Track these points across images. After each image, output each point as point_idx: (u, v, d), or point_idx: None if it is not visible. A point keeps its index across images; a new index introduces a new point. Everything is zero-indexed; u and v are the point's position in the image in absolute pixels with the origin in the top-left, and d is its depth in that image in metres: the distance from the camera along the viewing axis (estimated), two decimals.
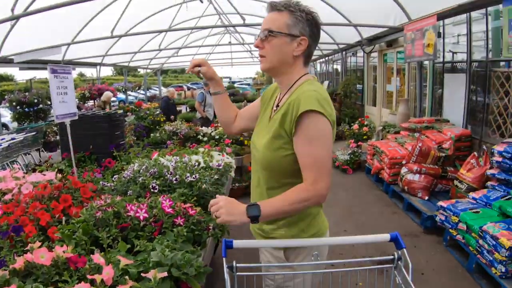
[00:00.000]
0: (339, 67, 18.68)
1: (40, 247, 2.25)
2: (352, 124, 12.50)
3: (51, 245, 2.39)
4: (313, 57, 14.20)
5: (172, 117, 12.53)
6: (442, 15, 7.86)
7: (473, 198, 5.46)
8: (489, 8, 7.02)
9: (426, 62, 9.42)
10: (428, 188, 6.78)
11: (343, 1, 11.10)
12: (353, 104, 15.26)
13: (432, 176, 6.83)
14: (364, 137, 11.16)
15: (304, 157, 1.93)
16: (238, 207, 1.95)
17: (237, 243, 1.99)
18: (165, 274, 2.02)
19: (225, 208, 1.94)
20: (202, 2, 9.85)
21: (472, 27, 7.67)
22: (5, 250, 2.53)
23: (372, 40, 12.57)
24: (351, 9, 11.26)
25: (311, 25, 2.05)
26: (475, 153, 6.47)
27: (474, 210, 5.05)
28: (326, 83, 18.51)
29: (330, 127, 1.94)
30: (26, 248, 2.39)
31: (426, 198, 6.67)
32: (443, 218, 5.45)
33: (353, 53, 16.19)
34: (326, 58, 20.71)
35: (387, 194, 7.82)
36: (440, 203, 5.59)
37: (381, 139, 9.70)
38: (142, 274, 2.06)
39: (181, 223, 2.73)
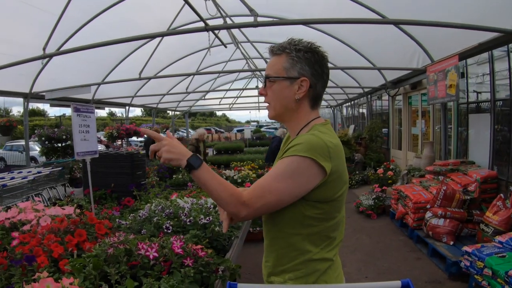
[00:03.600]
0: (365, 111, 18.66)
1: (48, 277, 2.29)
2: (377, 168, 12.38)
3: (60, 277, 2.43)
4: (339, 101, 14.33)
5: None
6: (464, 55, 7.84)
7: (499, 242, 5.27)
8: (511, 45, 6.97)
9: (451, 103, 9.32)
10: (453, 232, 6.59)
11: (367, 44, 11.23)
12: (379, 148, 15.19)
13: (457, 220, 6.65)
14: (389, 181, 11.00)
15: (262, 180, 1.84)
16: (179, 147, 1.84)
17: (241, 286, 1.94)
18: None
19: (167, 146, 1.83)
20: (226, 47, 10.02)
21: (495, 66, 7.60)
22: (16, 277, 2.62)
23: (396, 83, 12.56)
24: (375, 52, 11.39)
25: (311, 63, 1.97)
26: (501, 195, 6.28)
27: (500, 255, 4.88)
28: (352, 127, 18.49)
29: (314, 170, 1.79)
30: (34, 277, 2.42)
31: (451, 243, 6.46)
32: (468, 263, 5.26)
33: (378, 97, 16.18)
34: (352, 102, 20.74)
35: (412, 239, 7.58)
36: (465, 248, 5.40)
37: (406, 183, 9.55)
38: None
39: (190, 264, 2.72)
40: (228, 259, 3.11)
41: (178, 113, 26.38)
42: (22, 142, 24.97)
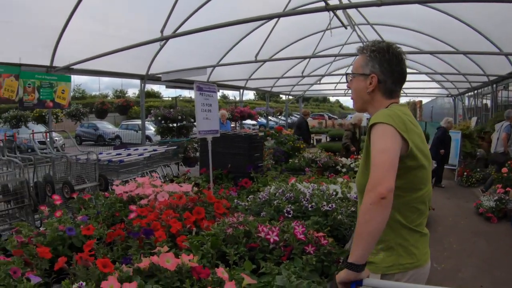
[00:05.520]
0: (489, 102, 17.39)
1: (167, 252, 2.34)
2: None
3: (177, 253, 2.46)
4: (461, 90, 13.40)
5: (442, 151, 11.72)
6: None
7: None
8: None
9: None
10: None
11: (493, 27, 10.28)
12: None
13: None
14: None
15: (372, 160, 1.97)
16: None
17: (368, 281, 1.95)
18: None
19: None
20: (346, 28, 9.71)
21: None
22: (133, 249, 2.71)
23: None
24: (502, 35, 10.41)
25: (381, 61, 2.23)
26: None
27: None
28: (474, 119, 17.31)
29: (392, 130, 1.97)
30: (153, 251, 2.48)
31: None
32: None
33: (504, 86, 14.87)
34: (475, 91, 19.36)
35: None
36: None
37: None
38: None
39: (311, 252, 2.64)
40: (349, 250, 2.95)
41: (291, 97, 26.33)
42: (137, 122, 26.57)
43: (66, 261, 2.53)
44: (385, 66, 2.22)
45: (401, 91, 2.44)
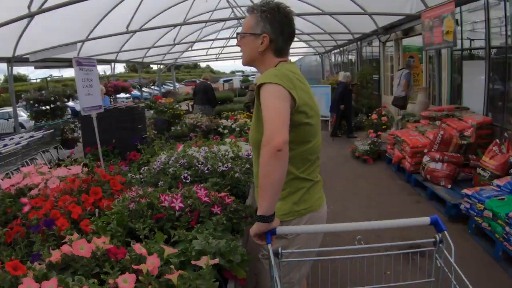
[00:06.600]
0: (354, 58, 18.46)
1: (78, 239, 2.22)
2: (369, 114, 12.37)
3: (85, 238, 2.34)
4: (328, 48, 13.98)
5: (342, 106, 12.89)
6: (460, 2, 7.71)
7: (498, 186, 5.37)
8: None
9: (444, 50, 9.24)
10: (451, 176, 6.67)
11: None
12: (370, 94, 15.06)
13: (454, 164, 6.73)
14: (383, 127, 11.05)
15: (264, 118, 2.03)
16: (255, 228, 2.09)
17: (280, 229, 2.08)
18: (217, 261, 2.03)
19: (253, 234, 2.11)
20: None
21: (490, 13, 7.46)
22: (37, 244, 2.48)
23: (388, 28, 12.39)
24: None
25: (271, 22, 2.32)
26: (497, 140, 6.34)
27: (500, 197, 4.96)
28: (341, 73, 18.26)
29: (281, 89, 2.07)
30: (62, 241, 2.35)
31: (449, 186, 6.56)
32: (468, 206, 5.35)
33: (368, 43, 16.01)
34: (341, 48, 20.45)
35: (409, 183, 7.70)
36: (465, 190, 5.49)
37: (401, 129, 9.63)
38: (193, 262, 2.07)
39: (219, 212, 2.73)
40: (251, 205, 3.15)
41: (162, 66, 25.97)
42: (6, 109, 24.45)
43: None
44: (276, 26, 2.32)
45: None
